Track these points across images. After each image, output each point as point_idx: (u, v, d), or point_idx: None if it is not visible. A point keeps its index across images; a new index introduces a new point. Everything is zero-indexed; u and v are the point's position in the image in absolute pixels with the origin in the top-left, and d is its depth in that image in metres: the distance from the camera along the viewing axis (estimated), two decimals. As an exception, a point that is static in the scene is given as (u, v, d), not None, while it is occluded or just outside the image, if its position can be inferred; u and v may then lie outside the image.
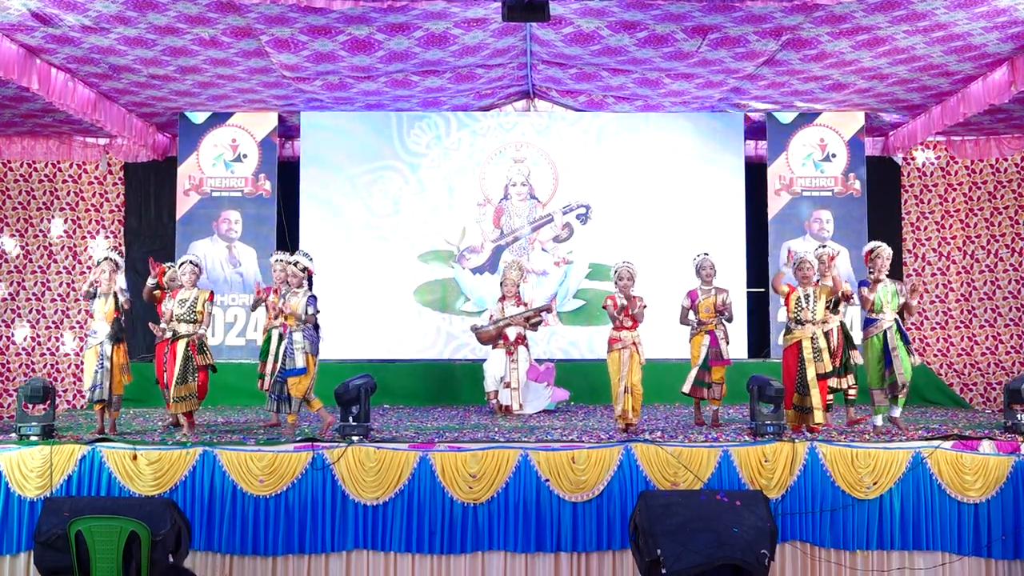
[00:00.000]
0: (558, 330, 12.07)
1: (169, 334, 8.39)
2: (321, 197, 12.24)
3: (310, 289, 8.57)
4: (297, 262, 8.30)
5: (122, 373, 8.30)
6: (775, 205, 12.17)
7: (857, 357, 8.64)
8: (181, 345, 8.32)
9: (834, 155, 12.15)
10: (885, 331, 8.22)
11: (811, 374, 7.91)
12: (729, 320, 8.91)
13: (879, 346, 8.23)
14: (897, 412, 8.31)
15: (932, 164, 12.78)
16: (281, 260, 9.07)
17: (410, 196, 12.28)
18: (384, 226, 12.24)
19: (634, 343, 8.17)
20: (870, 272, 8.39)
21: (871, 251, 8.39)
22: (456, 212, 12.27)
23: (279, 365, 8.28)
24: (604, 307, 8.33)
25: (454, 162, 12.30)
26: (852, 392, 8.73)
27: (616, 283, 8.29)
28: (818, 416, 7.87)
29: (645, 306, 8.23)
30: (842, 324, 8.65)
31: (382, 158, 12.28)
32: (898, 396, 8.26)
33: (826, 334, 8.23)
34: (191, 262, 8.52)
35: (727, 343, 8.91)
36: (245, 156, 12.12)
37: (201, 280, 8.77)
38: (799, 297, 8.06)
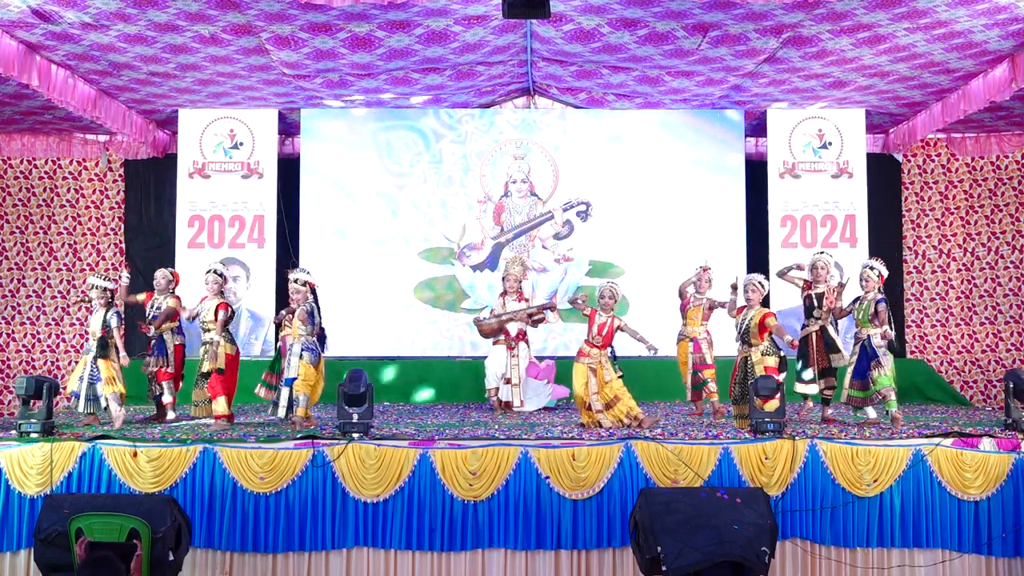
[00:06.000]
0: (558, 327, 12.06)
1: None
2: (321, 194, 12.23)
3: (315, 301, 8.71)
4: (296, 279, 8.55)
5: (111, 383, 8.44)
6: (776, 195, 12.17)
7: (840, 360, 8.87)
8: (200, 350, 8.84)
9: (830, 143, 12.15)
10: (862, 343, 8.51)
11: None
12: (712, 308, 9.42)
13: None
14: (893, 408, 8.42)
15: (932, 161, 12.79)
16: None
17: (410, 193, 12.27)
18: (384, 223, 12.23)
19: (600, 362, 8.55)
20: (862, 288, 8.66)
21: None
22: (456, 209, 12.27)
23: (285, 375, 8.55)
24: (573, 301, 8.80)
25: (455, 159, 12.29)
26: (828, 392, 8.95)
27: (598, 300, 8.68)
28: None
29: (620, 327, 8.58)
30: (823, 329, 8.86)
31: (382, 155, 12.27)
32: (886, 398, 8.40)
33: (804, 339, 8.87)
34: (214, 271, 8.88)
35: (711, 347, 9.42)
36: (242, 144, 12.12)
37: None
38: (738, 320, 8.48)
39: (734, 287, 8.64)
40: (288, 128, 12.52)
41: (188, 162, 12.08)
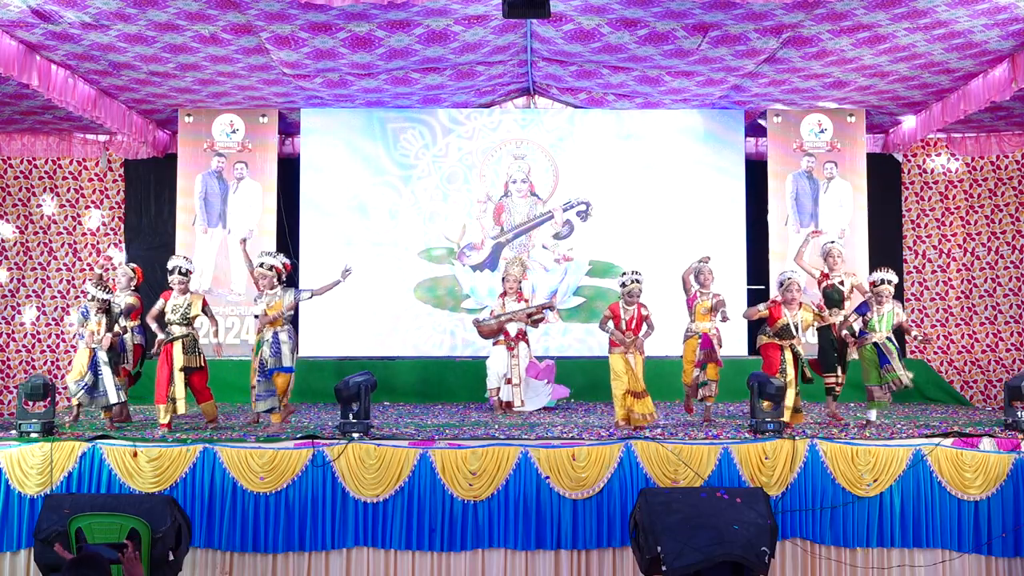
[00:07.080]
0: (558, 327, 12.07)
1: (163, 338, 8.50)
2: (321, 194, 12.23)
3: (288, 283, 8.66)
4: (263, 263, 8.42)
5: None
6: (776, 195, 12.17)
7: (854, 353, 8.87)
8: (177, 347, 8.38)
9: (830, 144, 12.17)
10: (875, 343, 8.51)
11: (789, 377, 8.12)
12: (724, 320, 8.93)
13: (873, 350, 8.52)
14: (873, 415, 8.50)
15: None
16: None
17: (410, 193, 12.26)
18: (384, 223, 12.23)
19: (635, 345, 8.42)
20: (876, 300, 8.60)
21: (873, 283, 8.65)
22: (456, 209, 12.27)
23: (265, 364, 8.31)
24: (604, 321, 8.58)
25: (454, 159, 12.28)
26: (838, 388, 8.99)
27: (625, 297, 8.52)
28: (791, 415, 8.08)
29: (647, 316, 8.47)
30: (846, 319, 8.85)
31: (382, 154, 12.26)
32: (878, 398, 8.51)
33: (827, 327, 8.87)
34: (179, 270, 8.51)
35: (720, 345, 9.03)
36: (238, 130, 12.15)
37: (192, 279, 8.86)
38: (786, 325, 8.22)
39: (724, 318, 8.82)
40: (288, 128, 12.52)
41: (188, 162, 12.08)
